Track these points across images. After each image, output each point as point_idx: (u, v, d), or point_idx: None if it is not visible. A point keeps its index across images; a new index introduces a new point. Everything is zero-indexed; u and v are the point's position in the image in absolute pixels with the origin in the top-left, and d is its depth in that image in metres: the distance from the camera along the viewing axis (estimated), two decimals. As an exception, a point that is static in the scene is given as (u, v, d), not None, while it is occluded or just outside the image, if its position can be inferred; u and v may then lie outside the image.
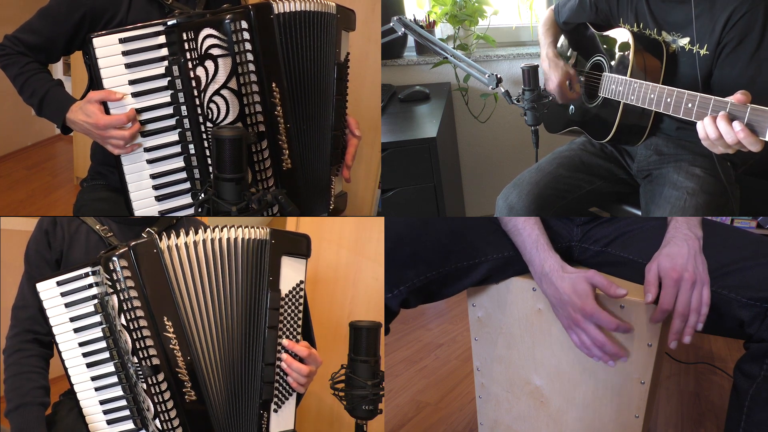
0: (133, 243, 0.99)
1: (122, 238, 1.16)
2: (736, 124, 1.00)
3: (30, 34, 1.19)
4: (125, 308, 0.98)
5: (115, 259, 0.97)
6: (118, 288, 0.97)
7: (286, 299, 1.12)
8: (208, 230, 1.05)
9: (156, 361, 0.99)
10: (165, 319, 0.99)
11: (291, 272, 1.12)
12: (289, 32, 1.13)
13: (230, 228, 1.07)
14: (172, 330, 1.00)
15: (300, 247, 1.14)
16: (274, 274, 1.10)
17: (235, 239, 1.06)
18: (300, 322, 1.15)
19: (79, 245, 1.15)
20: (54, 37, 1.19)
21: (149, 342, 0.99)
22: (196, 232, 1.04)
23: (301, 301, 1.15)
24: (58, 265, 1.15)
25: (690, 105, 1.11)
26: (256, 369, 1.09)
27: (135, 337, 0.98)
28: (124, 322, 0.98)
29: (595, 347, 1.02)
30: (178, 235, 1.02)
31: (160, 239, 1.01)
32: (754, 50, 1.22)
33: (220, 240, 1.05)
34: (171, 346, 1.00)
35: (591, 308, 0.99)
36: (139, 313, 0.98)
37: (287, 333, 1.12)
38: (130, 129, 1.07)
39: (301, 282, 1.14)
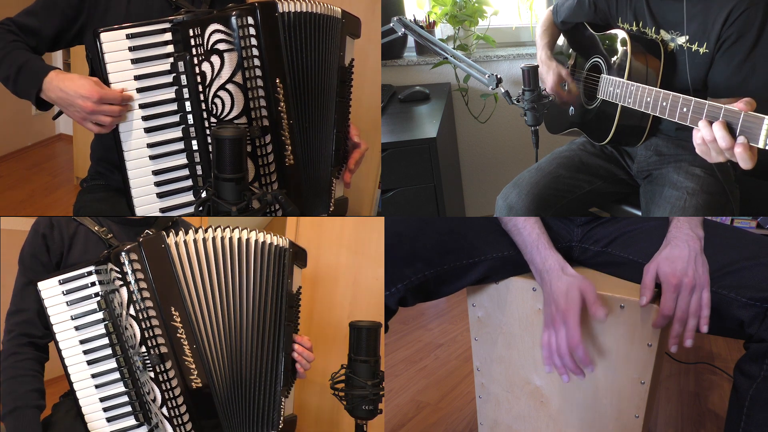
0: (142, 238, 1.03)
1: (122, 239, 1.18)
2: (740, 138, 0.99)
3: (25, 16, 1.19)
4: (135, 299, 1.01)
5: (124, 253, 1.01)
6: (128, 280, 1.01)
7: (295, 299, 1.22)
8: (218, 229, 1.11)
9: (164, 350, 1.02)
10: (172, 309, 1.03)
11: (297, 278, 1.24)
12: (292, 31, 1.14)
13: (255, 231, 1.15)
14: (179, 319, 1.04)
15: (305, 258, 1.28)
16: (291, 277, 1.21)
17: (263, 242, 1.14)
18: (299, 323, 1.24)
19: (78, 248, 1.16)
20: (49, 18, 1.19)
21: (158, 331, 1.02)
22: (196, 231, 1.09)
23: (301, 302, 1.24)
24: (57, 269, 1.15)
25: (685, 109, 1.11)
26: (278, 359, 1.17)
27: (144, 326, 1.01)
28: (133, 313, 1.02)
29: (556, 354, 1.02)
30: (186, 233, 1.07)
31: (167, 236, 1.05)
32: (751, 48, 1.22)
33: (230, 239, 1.11)
34: (178, 334, 1.04)
35: (570, 315, 0.99)
36: (148, 303, 1.02)
37: (294, 328, 1.22)
38: (120, 107, 1.06)
39: (300, 288, 1.25)
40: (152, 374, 1.02)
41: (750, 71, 1.22)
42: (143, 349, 1.01)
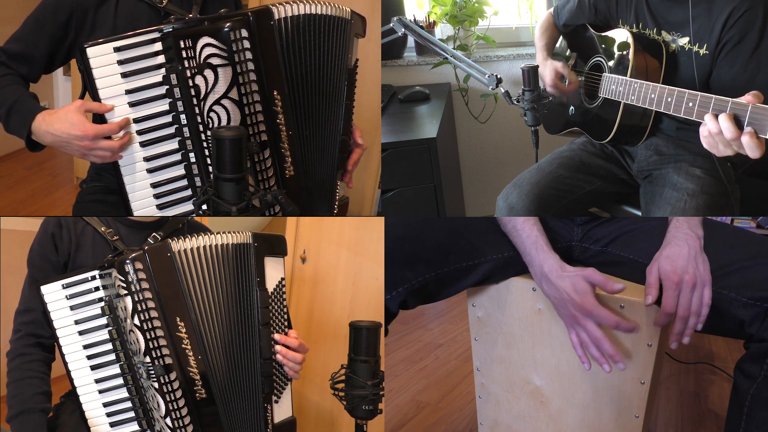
0: (147, 247, 1.01)
1: (128, 242, 1.17)
2: (747, 128, 0.99)
3: (13, 43, 1.16)
4: (139, 309, 1.00)
5: (129, 262, 0.99)
6: (133, 290, 0.99)
7: (272, 297, 1.16)
8: (201, 236, 1.07)
9: (168, 361, 1.01)
10: (177, 319, 1.02)
11: (273, 271, 1.17)
12: (290, 37, 1.11)
13: (217, 234, 1.09)
14: (184, 330, 1.02)
15: (279, 247, 1.19)
16: (261, 274, 1.14)
17: (225, 245, 1.09)
18: (286, 316, 1.20)
19: (86, 248, 1.15)
20: (37, 41, 1.16)
21: (162, 342, 1.01)
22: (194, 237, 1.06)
23: (285, 296, 1.20)
24: (65, 269, 1.15)
25: (691, 104, 1.10)
26: (255, 365, 1.12)
27: (148, 337, 1.00)
28: (137, 323, 1.00)
29: (593, 345, 1.02)
30: (191, 237, 1.05)
31: (173, 242, 1.03)
32: (754, 49, 1.22)
33: (212, 246, 1.07)
34: (183, 345, 1.02)
35: (590, 305, 1.00)
36: (153, 314, 1.00)
37: (277, 328, 1.17)
38: (120, 139, 1.04)
39: (282, 279, 1.19)
40: (156, 385, 1.01)
41: (754, 71, 1.22)
42: (147, 359, 1.00)
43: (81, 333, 1.05)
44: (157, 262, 1.01)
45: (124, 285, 1.00)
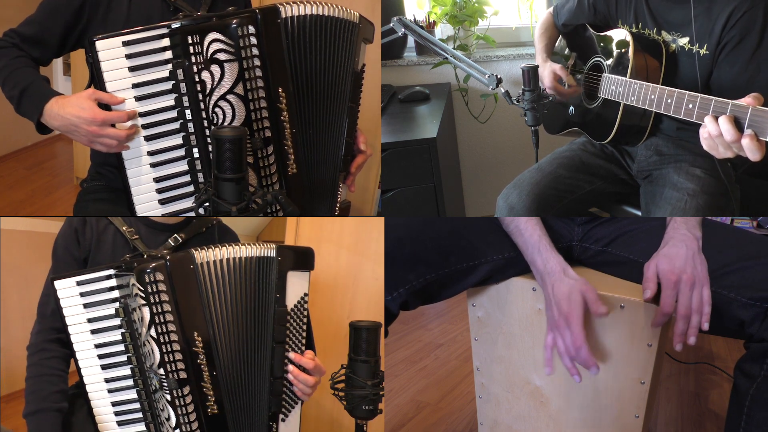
0: (170, 256, 0.99)
1: (149, 242, 1.17)
2: (747, 131, 0.99)
3: (27, 26, 1.18)
4: (157, 321, 0.98)
5: (150, 271, 0.97)
6: (152, 301, 0.97)
7: (292, 313, 1.13)
8: (225, 247, 1.05)
9: (183, 375, 1.00)
10: (195, 334, 1.00)
11: (296, 287, 1.13)
12: (296, 36, 1.11)
13: (241, 245, 1.07)
14: (200, 345, 1.01)
15: (306, 261, 1.15)
16: (281, 290, 1.10)
17: (248, 258, 1.07)
18: (304, 334, 1.17)
19: (106, 246, 1.16)
20: (51, 26, 1.17)
21: (178, 356, 0.99)
22: (228, 244, 1.05)
23: (306, 313, 1.16)
24: (85, 264, 1.15)
25: (690, 106, 1.10)
26: (264, 383, 1.11)
27: (164, 350, 0.98)
28: (154, 335, 0.98)
29: (566, 356, 1.02)
30: (208, 250, 1.04)
31: (197, 252, 1.02)
32: (754, 49, 1.22)
33: (235, 259, 1.06)
34: (198, 360, 1.01)
35: (573, 318, 0.99)
36: (171, 327, 0.99)
37: (293, 346, 1.14)
38: (127, 129, 1.05)
39: (306, 294, 1.15)
40: (168, 397, 1.00)
41: (754, 72, 1.22)
42: (161, 371, 0.99)
43: (93, 332, 1.05)
44: (179, 274, 0.99)
45: (143, 295, 0.97)
